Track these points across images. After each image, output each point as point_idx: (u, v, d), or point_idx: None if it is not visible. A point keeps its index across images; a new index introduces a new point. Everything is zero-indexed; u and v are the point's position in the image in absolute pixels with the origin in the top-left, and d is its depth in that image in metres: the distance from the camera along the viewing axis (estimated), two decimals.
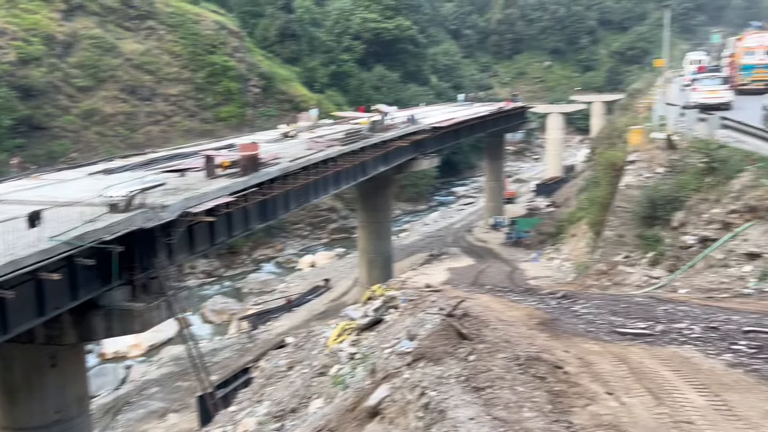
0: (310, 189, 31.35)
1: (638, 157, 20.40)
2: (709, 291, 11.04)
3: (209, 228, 21.53)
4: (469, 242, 59.88)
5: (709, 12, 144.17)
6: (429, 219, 74.87)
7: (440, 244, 58.84)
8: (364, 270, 44.89)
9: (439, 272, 39.43)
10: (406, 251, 57.15)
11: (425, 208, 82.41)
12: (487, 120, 61.09)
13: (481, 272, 39.46)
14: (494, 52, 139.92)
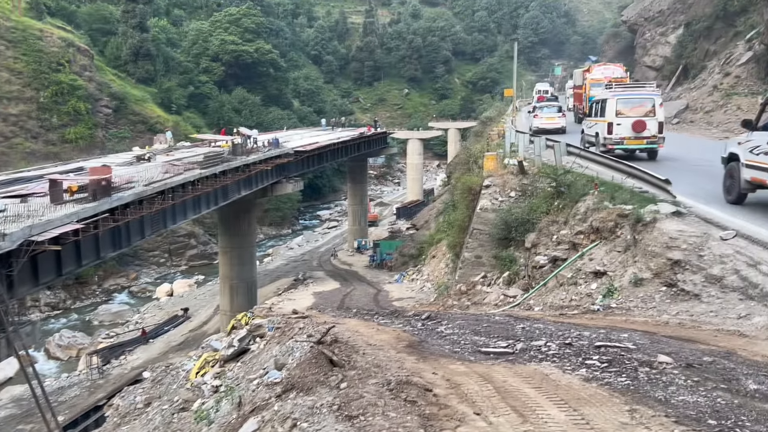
0: (168, 214, 30.05)
1: (492, 181, 21.39)
2: (561, 308, 11.68)
3: (55, 257, 19.98)
4: (335, 266, 60.00)
5: (552, 46, 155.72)
6: (293, 243, 74.27)
7: (305, 268, 58.47)
8: (226, 297, 43.57)
9: (305, 297, 39.05)
10: (271, 276, 56.24)
11: (289, 232, 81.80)
12: (349, 144, 61.86)
13: (347, 295, 39.53)
14: (355, 78, 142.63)
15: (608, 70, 42.86)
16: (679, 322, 8.34)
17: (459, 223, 24.54)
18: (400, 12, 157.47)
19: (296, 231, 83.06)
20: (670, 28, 61.72)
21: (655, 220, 11.86)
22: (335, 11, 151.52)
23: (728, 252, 9.82)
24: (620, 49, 79.44)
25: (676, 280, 10.17)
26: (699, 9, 56.28)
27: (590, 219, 14.29)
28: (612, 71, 42.32)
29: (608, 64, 48.00)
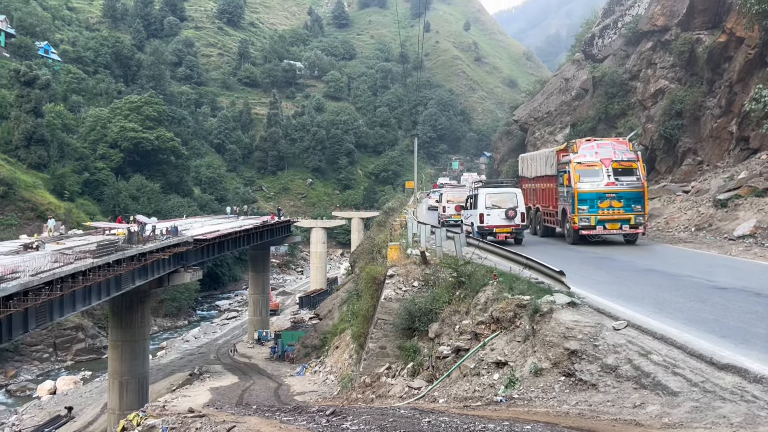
0: (55, 306, 28.36)
1: (396, 271, 21.57)
2: (465, 399, 11.66)
3: None
4: (234, 359, 57.83)
5: (449, 142, 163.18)
6: (190, 335, 71.30)
7: (202, 361, 55.97)
8: (115, 395, 40.82)
9: (202, 393, 37.16)
10: (165, 371, 53.39)
11: (186, 324, 78.71)
12: (251, 233, 61.19)
13: (246, 390, 37.97)
14: (258, 167, 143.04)
15: (606, 148, 27.69)
16: (579, 413, 8.50)
17: (363, 313, 24.40)
18: (304, 105, 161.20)
19: (193, 322, 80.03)
20: (557, 128, 66.19)
21: (551, 311, 12.23)
22: (239, 102, 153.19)
23: (621, 342, 10.22)
24: (512, 146, 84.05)
25: (574, 369, 10.43)
26: (583, 111, 60.86)
27: (490, 309, 14.57)
28: (612, 150, 27.41)
29: (605, 139, 30.40)
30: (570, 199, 25.99)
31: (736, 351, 8.81)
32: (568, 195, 26.15)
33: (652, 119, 44.59)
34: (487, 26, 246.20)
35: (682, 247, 24.98)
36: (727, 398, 7.40)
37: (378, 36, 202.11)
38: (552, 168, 29.28)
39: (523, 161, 36.23)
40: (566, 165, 26.87)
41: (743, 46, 35.67)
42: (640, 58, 52.87)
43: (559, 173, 28.14)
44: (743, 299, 13.40)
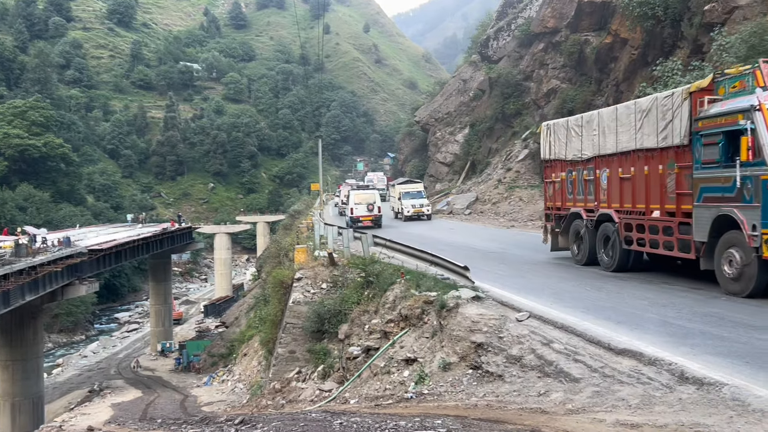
0: None
1: (304, 274, 21.37)
2: (376, 398, 11.68)
3: None
4: (136, 372, 55.56)
5: (353, 143, 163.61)
6: (88, 350, 67.90)
7: (102, 377, 53.44)
8: (6, 418, 38.28)
9: (102, 410, 35.47)
10: (61, 390, 50.61)
11: (83, 339, 74.89)
12: (151, 241, 59.00)
13: (151, 404, 36.55)
14: (156, 173, 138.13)
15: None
16: (487, 404, 8.69)
17: (271, 318, 24.02)
18: (203, 107, 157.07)
19: (91, 337, 76.27)
20: (457, 128, 67.67)
21: (457, 306, 12.47)
22: (133, 105, 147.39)
23: (524, 332, 10.54)
24: (415, 146, 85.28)
25: (481, 362, 10.67)
26: (481, 111, 62.56)
27: (399, 307, 14.69)
28: None
29: None
30: (753, 192, 11.82)
31: (632, 336, 9.28)
32: (748, 185, 11.91)
33: (545, 118, 46.34)
34: (386, 28, 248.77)
35: None
36: (625, 381, 7.77)
37: (277, 37, 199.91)
38: (671, 132, 14.24)
39: (560, 130, 20.04)
40: (735, 117, 12.36)
41: (627, 47, 37.76)
42: (533, 59, 54.93)
43: (702, 137, 13.23)
44: (635, 286, 14.15)
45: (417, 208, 41.88)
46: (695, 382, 7.09)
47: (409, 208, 41.92)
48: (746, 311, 11.03)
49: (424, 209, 42.06)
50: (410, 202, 42.32)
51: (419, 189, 44.94)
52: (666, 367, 7.66)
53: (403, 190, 43.94)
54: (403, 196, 43.15)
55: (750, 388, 6.60)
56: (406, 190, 43.91)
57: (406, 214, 41.73)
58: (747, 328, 9.74)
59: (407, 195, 43.13)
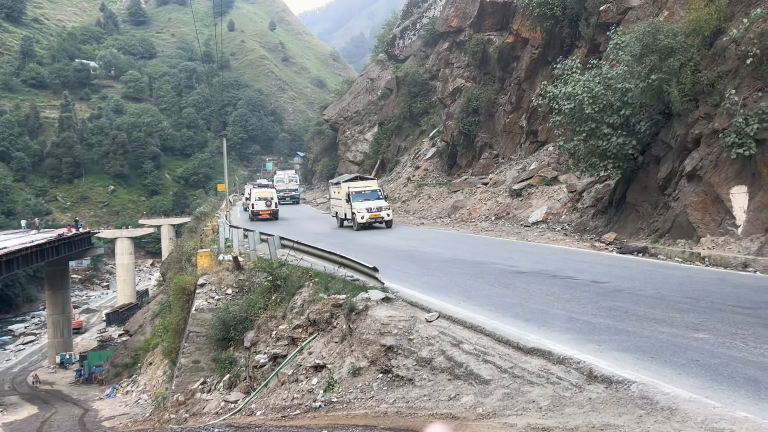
0: None
1: (208, 279, 20.54)
2: (283, 409, 11.20)
3: None
4: (32, 387, 52.25)
5: (262, 142, 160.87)
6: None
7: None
8: None
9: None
10: None
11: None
12: (46, 248, 55.71)
13: (46, 422, 34.27)
14: (52, 176, 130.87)
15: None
16: (397, 411, 8.39)
17: (174, 327, 22.99)
18: (101, 107, 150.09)
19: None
20: (366, 127, 67.68)
21: (367, 308, 12.16)
22: (25, 105, 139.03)
23: (434, 333, 10.33)
24: (325, 145, 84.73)
25: (391, 365, 10.38)
26: (389, 110, 62.75)
27: (307, 311, 14.25)
28: None
29: None
30: None
31: (540, 334, 9.21)
32: None
33: (451, 116, 46.96)
34: (292, 26, 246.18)
35: (485, 236, 26.44)
36: (535, 382, 7.65)
37: (179, 34, 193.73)
38: None
39: None
40: None
41: (528, 47, 38.66)
42: (439, 58, 55.58)
43: None
44: (541, 282, 14.28)
45: (374, 213, 32.11)
46: (604, 380, 7.03)
47: (363, 212, 32.08)
48: (648, 303, 11.26)
49: (383, 213, 32.32)
50: (364, 204, 32.54)
51: (374, 187, 35.12)
52: (575, 365, 7.58)
53: (353, 189, 33.83)
54: (353, 197, 33.17)
55: (657, 385, 6.59)
56: (357, 189, 33.87)
57: (360, 221, 31.92)
58: (650, 321, 9.89)
59: (359, 196, 33.25)
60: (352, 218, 33.02)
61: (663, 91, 19.05)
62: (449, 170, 46.36)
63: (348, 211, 33.64)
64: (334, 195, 37.51)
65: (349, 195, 33.50)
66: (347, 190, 34.08)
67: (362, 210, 32.14)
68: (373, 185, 35.68)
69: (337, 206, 36.50)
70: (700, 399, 6.12)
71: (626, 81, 20.88)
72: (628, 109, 21.04)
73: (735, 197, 17.21)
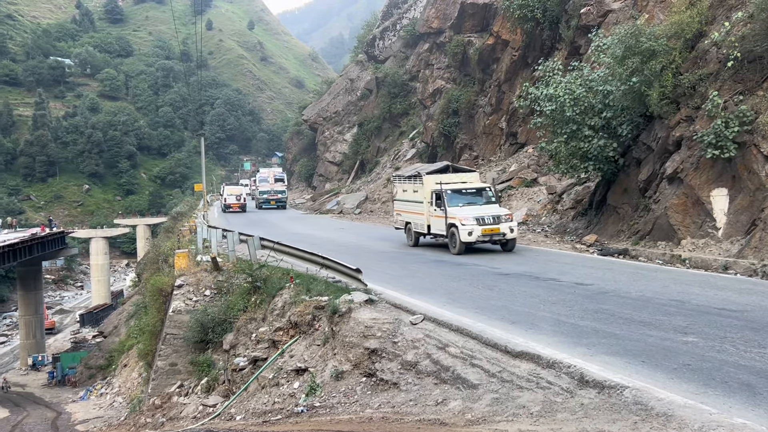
0: None
1: (185, 280, 20.17)
2: (264, 414, 10.96)
3: None
4: (4, 389, 51.23)
5: (239, 142, 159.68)
6: None
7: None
8: None
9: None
10: None
11: None
12: (18, 248, 54.66)
13: (17, 426, 33.61)
14: (25, 174, 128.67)
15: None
16: (383, 416, 8.19)
17: (150, 329, 22.57)
18: (76, 105, 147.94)
19: None
20: (346, 128, 67.41)
21: (350, 310, 11.94)
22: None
23: (419, 336, 10.14)
24: (304, 146, 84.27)
25: (375, 369, 10.17)
26: (369, 111, 62.55)
27: (288, 313, 13.99)
28: None
29: None
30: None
31: (528, 337, 9.06)
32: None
33: (432, 117, 46.92)
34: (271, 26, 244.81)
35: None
36: (525, 387, 7.49)
37: (157, 33, 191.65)
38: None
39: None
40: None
41: (509, 49, 38.71)
42: (419, 59, 55.51)
43: None
44: (525, 284, 14.17)
45: (489, 226, 19.94)
46: (596, 385, 6.89)
47: (470, 225, 19.95)
48: (634, 306, 11.19)
49: (503, 227, 20.08)
50: (470, 211, 20.51)
51: (479, 184, 23.02)
52: (565, 370, 7.44)
53: (447, 187, 21.74)
54: (448, 198, 21.14)
55: (651, 390, 6.46)
56: (452, 186, 21.95)
57: (466, 239, 19.92)
58: (637, 324, 9.81)
59: (457, 197, 21.41)
60: (446, 233, 20.85)
61: (644, 93, 19.11)
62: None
63: (436, 220, 21.65)
64: (402, 196, 24.94)
65: (439, 195, 21.36)
66: (435, 187, 21.84)
67: (469, 221, 19.97)
68: (474, 180, 23.33)
69: (408, 212, 24.20)
70: (695, 405, 6.00)
71: (607, 83, 20.92)
72: (609, 111, 21.07)
73: (715, 200, 17.29)
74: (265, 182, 56.03)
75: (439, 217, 21.39)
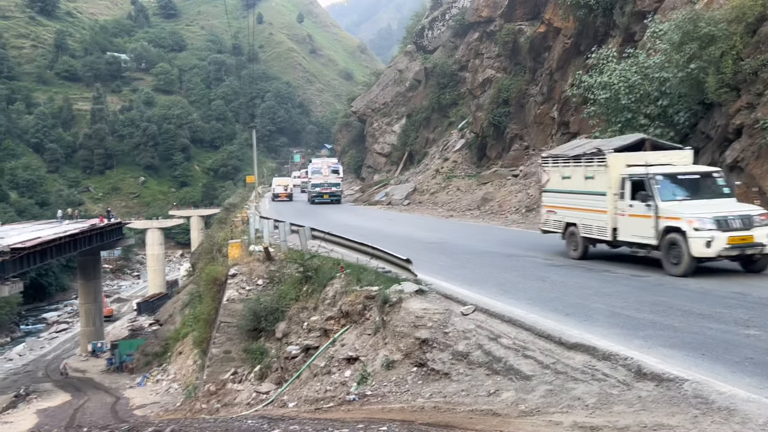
0: None
1: (239, 270, 20.54)
2: (316, 401, 11.09)
3: None
4: (66, 374, 53.19)
5: (289, 134, 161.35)
6: (13, 353, 64.79)
7: (29, 380, 50.89)
8: None
9: (27, 417, 33.54)
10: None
11: (8, 341, 71.39)
12: (78, 238, 56.45)
13: (79, 409, 34.83)
14: (84, 167, 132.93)
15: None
16: (435, 406, 8.19)
17: (205, 317, 23.06)
18: (132, 99, 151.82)
19: (17, 339, 72.83)
20: (394, 119, 67.30)
21: (400, 300, 11.97)
22: (59, 97, 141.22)
23: (470, 327, 10.10)
24: (352, 137, 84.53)
25: (426, 359, 10.19)
26: (417, 101, 62.34)
27: (339, 303, 14.11)
28: None
29: None
30: None
31: (582, 328, 8.93)
32: None
33: (481, 107, 46.44)
34: (320, 19, 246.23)
35: (516, 228, 26.09)
36: (579, 378, 7.39)
37: (209, 27, 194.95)
38: None
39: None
40: None
41: (560, 36, 38.00)
42: (468, 48, 54.98)
43: None
44: (578, 275, 13.95)
45: (742, 233, 12.95)
46: (654, 378, 6.75)
47: (708, 229, 12.92)
48: (692, 298, 10.90)
49: (760, 233, 13.03)
50: (701, 209, 13.45)
51: (704, 169, 15.16)
52: (621, 362, 7.30)
53: (657, 171, 14.31)
54: (661, 187, 13.95)
55: (711, 383, 6.29)
56: (666, 170, 14.50)
57: (702, 252, 12.96)
58: (696, 316, 9.55)
59: (673, 187, 14.14)
60: (657, 243, 13.86)
61: (702, 80, 18.52)
62: (478, 162, 45.90)
63: (630, 221, 14.65)
64: (560, 185, 17.65)
65: (639, 183, 14.34)
66: (631, 171, 14.81)
67: (705, 223, 13.05)
68: (687, 160, 15.72)
69: (573, 208, 16.86)
70: (760, 399, 5.82)
71: (664, 70, 20.35)
72: (665, 99, 20.50)
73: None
74: (318, 174, 50.46)
75: (638, 217, 14.15)
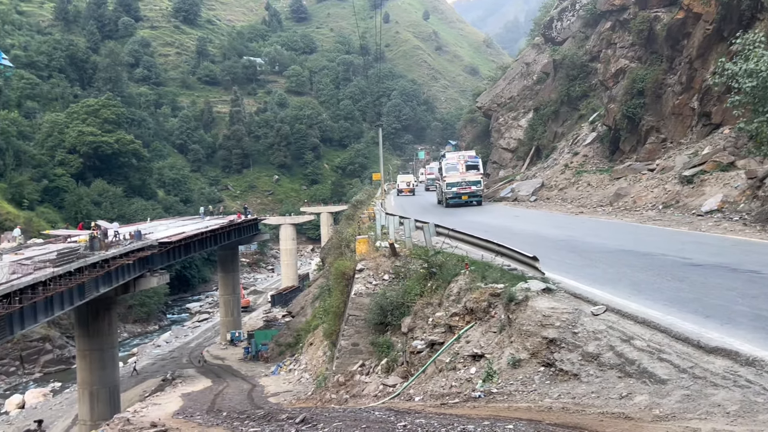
0: (15, 319, 27.22)
1: (365, 265, 21.01)
2: (442, 396, 11.17)
3: None
4: (207, 361, 56.78)
5: (414, 132, 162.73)
6: (161, 340, 69.95)
7: (174, 366, 54.83)
8: (85, 406, 39.62)
9: (173, 400, 36.11)
10: (137, 378, 52.15)
11: (156, 329, 77.23)
12: (218, 233, 60.02)
13: (219, 394, 37.04)
14: (223, 166, 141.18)
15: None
16: (563, 407, 8.03)
17: (334, 310, 23.81)
18: (266, 101, 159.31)
19: (164, 327, 78.59)
20: (521, 113, 66.08)
21: (527, 298, 11.79)
22: (200, 101, 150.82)
23: (601, 328, 9.79)
24: (477, 133, 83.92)
25: (554, 359, 9.99)
26: (545, 95, 60.81)
27: (464, 300, 14.10)
28: None
29: None
30: None
31: (723, 332, 8.41)
32: None
33: (614, 99, 44.56)
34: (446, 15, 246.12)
35: (652, 226, 24.85)
36: (720, 384, 6.98)
37: (337, 29, 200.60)
38: None
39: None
40: None
41: (701, 22, 35.67)
42: (600, 38, 52.91)
43: None
44: (721, 276, 13.10)
45: None
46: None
47: None
48: None
49: None
50: None
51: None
52: (767, 368, 6.82)
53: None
54: None
55: None
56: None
57: None
58: None
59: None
60: None
61: None
62: (611, 156, 44.10)
63: None
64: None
65: None
66: None
67: None
68: None
69: None
70: None
71: None
72: None
73: None
74: (454, 170, 42.20)
75: None
